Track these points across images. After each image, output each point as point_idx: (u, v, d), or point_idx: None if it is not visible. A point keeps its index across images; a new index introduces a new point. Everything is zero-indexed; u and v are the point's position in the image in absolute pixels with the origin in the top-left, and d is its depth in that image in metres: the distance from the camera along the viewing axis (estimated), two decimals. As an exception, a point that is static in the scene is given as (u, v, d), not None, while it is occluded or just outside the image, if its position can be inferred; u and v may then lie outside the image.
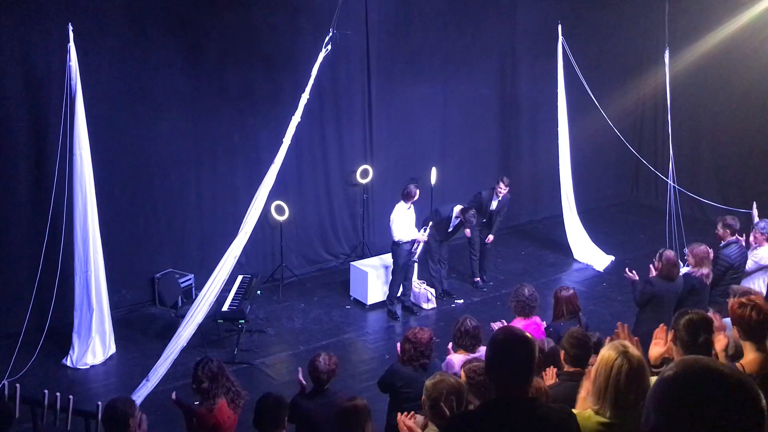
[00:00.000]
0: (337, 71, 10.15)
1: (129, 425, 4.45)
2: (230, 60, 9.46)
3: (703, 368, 1.77)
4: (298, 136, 7.85)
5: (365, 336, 8.98)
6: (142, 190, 9.17)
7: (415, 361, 5.32)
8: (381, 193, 11.20)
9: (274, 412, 4.37)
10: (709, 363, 1.81)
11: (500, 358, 2.92)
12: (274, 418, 4.38)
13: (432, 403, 3.90)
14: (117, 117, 8.69)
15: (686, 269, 7.04)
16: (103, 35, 8.43)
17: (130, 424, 4.45)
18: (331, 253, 11.02)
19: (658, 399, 1.78)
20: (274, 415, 4.38)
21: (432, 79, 11.31)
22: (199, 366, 4.95)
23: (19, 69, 8.13)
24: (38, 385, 6.57)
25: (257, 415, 4.40)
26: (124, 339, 8.45)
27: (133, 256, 9.13)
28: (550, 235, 12.17)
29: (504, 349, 2.92)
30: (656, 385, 1.81)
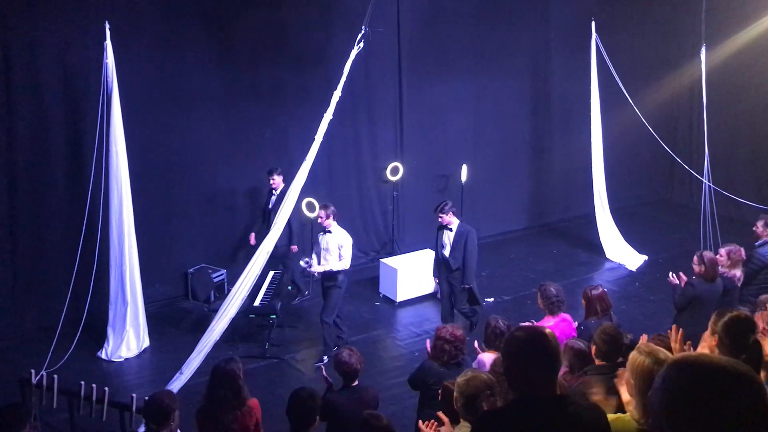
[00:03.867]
0: (368, 69, 10.17)
1: (171, 418, 4.54)
2: (262, 58, 9.54)
3: (701, 363, 1.77)
4: (329, 134, 7.88)
5: (395, 333, 9.00)
6: (175, 186, 9.30)
7: (452, 359, 5.33)
8: (411, 191, 11.21)
9: (308, 407, 4.40)
10: (706, 358, 1.82)
11: (523, 357, 2.84)
12: (308, 413, 4.41)
13: (465, 400, 3.91)
14: (151, 114, 8.82)
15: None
16: (139, 33, 8.56)
17: (173, 417, 4.54)
18: (361, 250, 11.05)
19: (662, 398, 1.78)
20: (308, 411, 4.40)
21: (463, 76, 11.27)
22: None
23: (58, 66, 8.30)
24: (75, 377, 6.70)
25: (290, 410, 4.44)
26: (157, 333, 8.58)
27: (167, 252, 9.27)
28: (581, 233, 12.05)
29: (526, 347, 2.85)
30: (658, 384, 1.82)
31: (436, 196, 11.48)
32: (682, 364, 1.82)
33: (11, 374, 7.02)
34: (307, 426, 4.39)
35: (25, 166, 8.40)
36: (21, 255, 8.50)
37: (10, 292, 8.48)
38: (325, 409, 5.08)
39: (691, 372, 1.77)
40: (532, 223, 12.60)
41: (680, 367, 1.80)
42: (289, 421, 4.43)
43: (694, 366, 1.78)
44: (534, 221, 12.62)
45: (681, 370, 1.79)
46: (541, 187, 12.60)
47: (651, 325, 8.27)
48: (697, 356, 1.86)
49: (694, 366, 1.78)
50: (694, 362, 1.80)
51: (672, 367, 1.82)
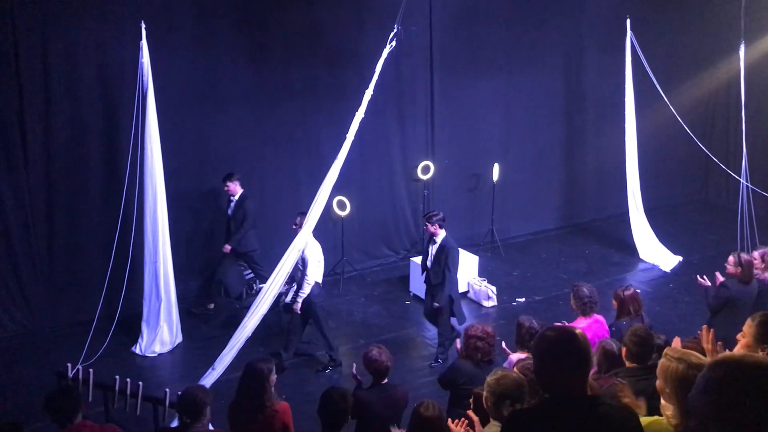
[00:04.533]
0: (400, 67, 10.17)
1: (204, 413, 4.60)
2: (294, 57, 9.59)
3: (744, 363, 1.74)
4: (361, 132, 7.90)
5: (425, 332, 8.98)
6: (207, 184, 9.39)
7: (486, 356, 5.32)
8: (442, 190, 11.19)
9: (340, 406, 4.42)
10: (749, 357, 1.79)
11: (554, 356, 2.83)
12: (340, 413, 4.42)
13: (495, 399, 3.89)
14: (185, 112, 8.92)
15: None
16: (174, 33, 8.67)
17: (205, 412, 4.61)
18: (392, 249, 11.07)
19: (707, 401, 1.75)
20: (340, 410, 4.42)
21: (495, 75, 11.20)
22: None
23: (94, 66, 8.45)
24: (109, 371, 6.81)
25: (322, 409, 4.46)
26: (190, 328, 8.69)
27: (200, 248, 9.37)
28: (615, 233, 11.91)
29: (556, 346, 2.84)
30: (701, 388, 1.79)
31: (467, 195, 11.47)
32: (725, 365, 1.78)
33: (48, 368, 7.17)
34: (338, 425, 4.41)
35: (62, 164, 8.56)
36: (57, 251, 8.66)
37: (47, 287, 8.66)
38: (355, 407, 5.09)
39: (735, 372, 1.74)
40: (564, 222, 12.48)
41: (723, 368, 1.77)
42: (321, 420, 4.45)
43: (738, 366, 1.75)
44: (566, 221, 12.50)
45: (724, 371, 1.76)
46: (573, 187, 12.47)
47: (685, 327, 8.15)
48: (741, 356, 1.82)
49: (738, 366, 1.75)
50: (737, 363, 1.77)
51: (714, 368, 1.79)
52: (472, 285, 9.73)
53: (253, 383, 4.91)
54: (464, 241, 10.97)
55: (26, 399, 7.25)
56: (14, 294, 8.54)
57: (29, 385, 7.50)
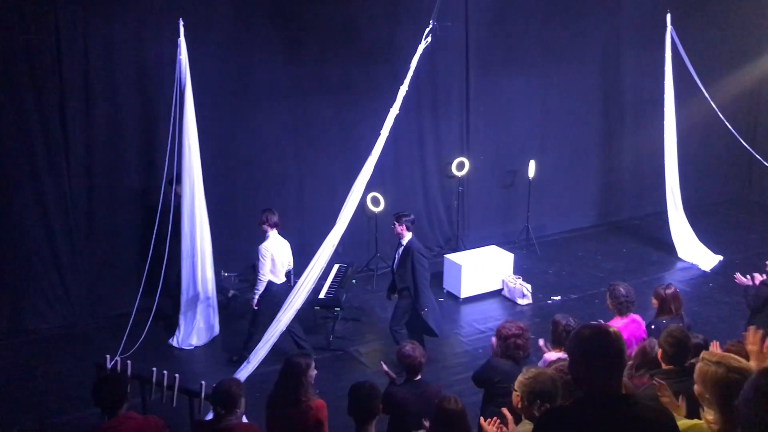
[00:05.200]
0: (435, 63, 10.13)
1: (237, 405, 4.66)
2: (330, 53, 9.62)
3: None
4: (395, 128, 7.88)
5: (458, 329, 8.96)
6: (244, 180, 9.48)
7: (525, 353, 5.29)
8: (477, 186, 11.12)
9: (369, 401, 4.42)
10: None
11: (588, 354, 2.82)
12: (369, 408, 4.42)
13: (529, 398, 3.86)
14: (222, 109, 9.01)
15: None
16: (211, 30, 8.75)
17: (239, 404, 4.67)
18: (426, 245, 10.95)
19: (758, 409, 1.70)
20: (369, 405, 4.42)
21: (532, 71, 11.10)
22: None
23: (133, 63, 8.59)
24: (147, 363, 6.91)
25: (351, 404, 4.47)
26: (226, 322, 8.78)
27: (236, 243, 9.45)
28: (653, 232, 11.73)
29: (591, 344, 2.83)
30: (750, 395, 1.73)
31: (502, 192, 11.40)
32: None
33: (87, 359, 7.32)
34: (368, 420, 4.41)
35: (102, 160, 8.72)
36: (97, 246, 8.83)
37: (87, 280, 8.83)
38: (388, 402, 5.10)
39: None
40: (601, 220, 12.33)
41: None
42: (350, 415, 4.46)
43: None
44: (603, 218, 12.34)
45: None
46: (611, 184, 12.30)
47: (725, 328, 7.99)
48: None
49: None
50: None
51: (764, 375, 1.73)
52: (506, 283, 9.67)
53: (290, 377, 4.94)
54: (499, 238, 10.93)
55: (67, 389, 7.44)
56: (56, 288, 8.73)
57: (70, 376, 7.68)
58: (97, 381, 4.82)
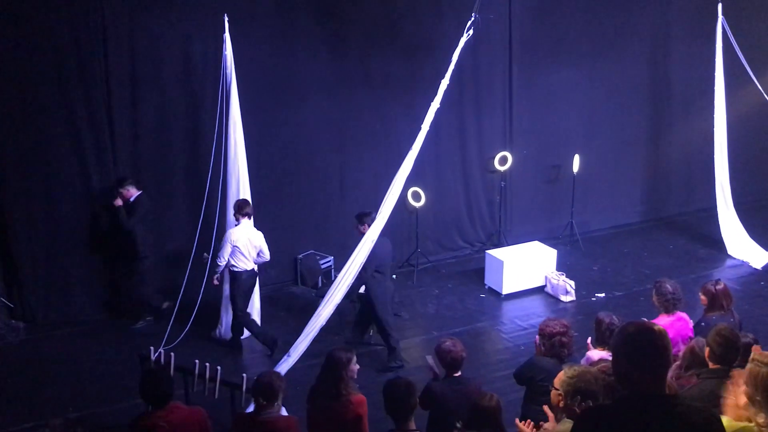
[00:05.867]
0: (478, 56, 10.03)
1: (277, 397, 4.71)
2: (373, 48, 9.60)
3: None
4: (436, 123, 7.84)
5: (500, 326, 8.88)
6: (288, 175, 9.54)
7: (570, 350, 5.22)
8: (520, 181, 10.99)
9: (404, 399, 4.39)
10: None
11: (632, 352, 2.77)
12: (404, 405, 4.39)
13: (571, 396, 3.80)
14: (266, 104, 9.07)
15: None
16: (255, 25, 8.81)
17: (279, 396, 4.71)
18: (467, 241, 10.97)
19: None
20: (404, 402, 4.39)
21: (577, 64, 10.90)
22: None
23: (178, 58, 8.69)
24: (190, 355, 7.02)
25: (387, 402, 4.45)
26: (267, 315, 8.85)
27: (279, 237, 9.50)
28: (701, 228, 11.43)
29: (636, 342, 2.77)
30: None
31: (546, 187, 11.25)
32: None
33: (132, 351, 7.47)
34: (405, 416, 4.39)
35: (149, 156, 8.86)
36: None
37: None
38: (428, 398, 5.07)
39: None
40: (647, 216, 12.07)
41: None
42: (386, 410, 4.44)
43: None
44: (650, 214, 12.09)
45: None
46: (658, 179, 12.03)
47: (777, 327, 7.76)
48: None
49: None
50: None
51: None
52: (549, 279, 9.54)
53: (331, 371, 4.97)
54: (542, 234, 10.79)
55: (112, 380, 7.60)
56: (102, 280, 8.92)
57: (115, 366, 7.84)
58: (144, 377, 4.91)
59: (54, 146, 8.41)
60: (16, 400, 7.27)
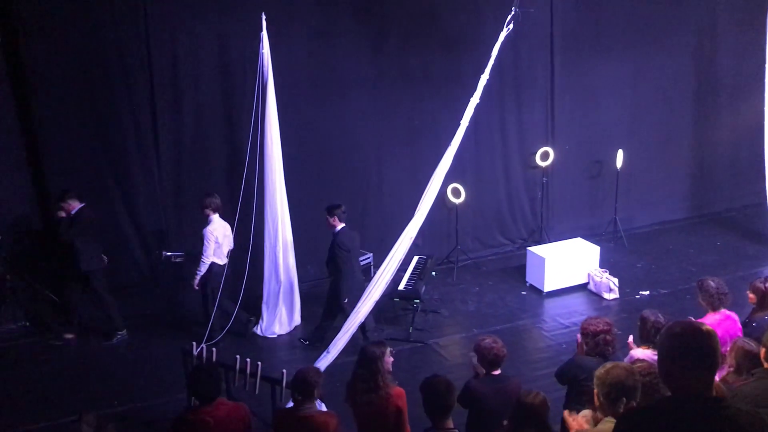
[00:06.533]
0: (518, 50, 9.90)
1: (314, 394, 4.73)
2: (412, 43, 9.55)
3: None
4: (476, 118, 7.77)
5: (541, 324, 8.76)
6: (326, 171, 9.56)
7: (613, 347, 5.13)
8: (562, 177, 10.84)
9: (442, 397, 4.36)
10: None
11: (678, 352, 2.70)
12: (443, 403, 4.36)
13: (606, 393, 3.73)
14: (304, 101, 9.10)
15: None
16: (294, 23, 8.84)
17: (315, 393, 4.73)
18: (508, 238, 10.86)
19: None
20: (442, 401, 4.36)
21: (621, 56, 10.69)
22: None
23: (217, 57, 8.78)
24: (231, 351, 7.09)
25: (425, 400, 4.42)
26: (307, 312, 8.89)
27: (317, 234, 9.53)
28: (750, 225, 11.13)
29: (682, 342, 2.70)
30: None
31: (588, 182, 11.07)
32: None
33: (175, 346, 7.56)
34: (443, 415, 4.35)
35: (189, 154, 8.97)
36: (185, 235, 9.05)
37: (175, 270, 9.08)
38: (467, 396, 5.03)
39: None
40: (693, 212, 11.79)
41: None
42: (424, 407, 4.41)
43: None
44: (696, 210, 11.80)
45: None
46: (704, 174, 11.73)
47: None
48: None
49: None
50: None
51: None
52: (592, 276, 9.38)
53: (366, 365, 4.98)
54: (585, 230, 10.63)
55: (156, 374, 7.73)
56: (145, 276, 9.06)
57: (159, 361, 7.95)
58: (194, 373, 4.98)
59: (99, 151, 8.57)
60: (62, 393, 7.43)
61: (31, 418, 6.97)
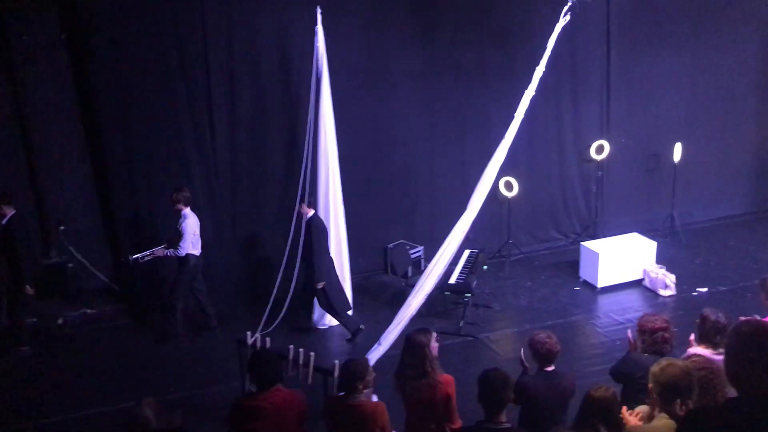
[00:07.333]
0: (574, 42, 9.73)
1: (358, 387, 4.76)
2: (464, 36, 9.49)
3: None
4: (530, 111, 7.68)
5: (595, 320, 8.64)
6: (378, 164, 9.59)
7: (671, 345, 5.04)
8: (618, 171, 10.64)
9: (500, 390, 4.34)
10: None
11: (746, 352, 2.64)
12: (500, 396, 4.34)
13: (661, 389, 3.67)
14: (357, 94, 9.14)
15: None
16: (347, 17, 8.85)
17: (359, 386, 4.77)
18: (561, 232, 10.73)
19: None
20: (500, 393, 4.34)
21: (680, 47, 10.42)
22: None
23: (274, 50, 8.87)
24: (284, 341, 7.19)
25: (482, 391, 4.41)
26: (358, 303, 8.94)
27: (369, 226, 9.61)
28: (817, 220, 10.75)
29: (751, 342, 2.64)
30: None
31: (645, 176, 10.85)
32: None
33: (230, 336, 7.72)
34: (498, 408, 4.33)
35: (245, 147, 9.08)
36: (240, 226, 9.24)
37: (232, 264, 9.28)
38: (519, 392, 4.99)
39: None
40: (755, 207, 11.44)
41: None
42: (480, 402, 4.40)
43: None
44: (757, 205, 11.45)
45: None
46: (766, 168, 11.36)
47: None
48: None
49: None
50: None
51: None
52: (648, 273, 9.19)
53: (413, 352, 5.01)
54: (641, 225, 10.41)
55: (211, 362, 7.90)
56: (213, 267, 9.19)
57: (214, 350, 8.13)
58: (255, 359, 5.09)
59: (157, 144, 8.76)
60: (122, 379, 7.67)
61: (90, 403, 7.21)
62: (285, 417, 4.79)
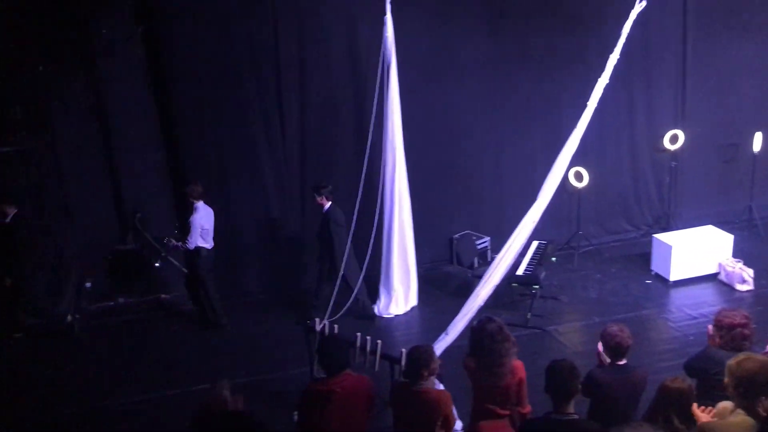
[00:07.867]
0: (648, 28, 9.41)
1: (423, 374, 4.78)
2: (534, 23, 9.33)
3: None
4: (602, 99, 7.50)
5: (667, 314, 8.41)
6: (444, 154, 9.54)
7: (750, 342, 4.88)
8: (692, 161, 10.30)
9: (567, 380, 4.29)
10: None
11: None
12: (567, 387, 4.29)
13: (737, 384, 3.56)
14: (425, 83, 9.10)
15: None
16: (416, 6, 8.80)
17: (423, 373, 4.78)
18: (632, 224, 10.48)
19: None
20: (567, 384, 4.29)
21: (758, 33, 9.99)
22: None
23: (344, 40, 8.92)
24: (351, 328, 7.27)
25: (549, 381, 4.37)
26: (423, 293, 8.97)
27: (435, 217, 9.59)
28: None
29: None
30: None
31: (721, 167, 10.49)
32: None
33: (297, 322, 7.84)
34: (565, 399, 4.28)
35: (314, 137, 9.18)
36: (308, 216, 9.36)
37: (299, 252, 9.43)
38: (590, 385, 4.91)
39: None
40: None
41: None
42: (547, 392, 4.35)
43: None
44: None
45: None
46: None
47: None
48: None
49: None
50: None
51: None
52: (724, 267, 8.89)
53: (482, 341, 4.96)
54: (717, 217, 10.06)
55: (277, 348, 8.06)
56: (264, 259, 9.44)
57: (279, 336, 8.29)
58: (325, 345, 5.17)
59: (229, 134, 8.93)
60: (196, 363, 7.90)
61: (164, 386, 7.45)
62: (354, 402, 4.85)
